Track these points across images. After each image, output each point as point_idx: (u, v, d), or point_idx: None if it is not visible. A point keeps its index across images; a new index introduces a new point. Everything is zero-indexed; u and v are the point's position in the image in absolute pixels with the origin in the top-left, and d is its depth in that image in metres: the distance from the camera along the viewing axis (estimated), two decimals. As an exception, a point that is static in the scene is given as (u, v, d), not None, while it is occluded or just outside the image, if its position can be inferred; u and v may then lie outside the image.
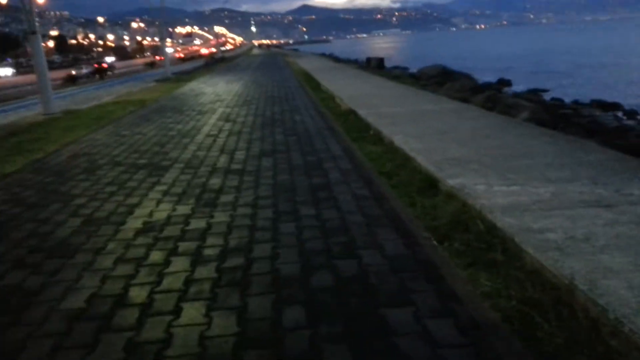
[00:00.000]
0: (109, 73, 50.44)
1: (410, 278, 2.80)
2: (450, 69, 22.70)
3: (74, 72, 45.88)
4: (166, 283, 2.87)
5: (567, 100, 19.00)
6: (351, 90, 13.11)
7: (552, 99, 18.80)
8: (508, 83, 25.83)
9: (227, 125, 8.59)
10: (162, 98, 14.65)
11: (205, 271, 2.98)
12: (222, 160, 5.92)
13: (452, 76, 20.28)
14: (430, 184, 4.90)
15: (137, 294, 2.76)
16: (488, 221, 3.65)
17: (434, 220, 3.91)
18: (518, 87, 24.57)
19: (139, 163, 6.07)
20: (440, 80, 18.36)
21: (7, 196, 5.03)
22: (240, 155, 6.18)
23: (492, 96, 10.57)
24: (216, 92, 15.50)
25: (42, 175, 5.83)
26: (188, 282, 2.87)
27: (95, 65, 52.25)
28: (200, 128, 8.46)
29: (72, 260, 3.27)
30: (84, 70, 50.38)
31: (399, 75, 20.04)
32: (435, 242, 3.34)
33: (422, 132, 7.04)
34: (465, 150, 5.78)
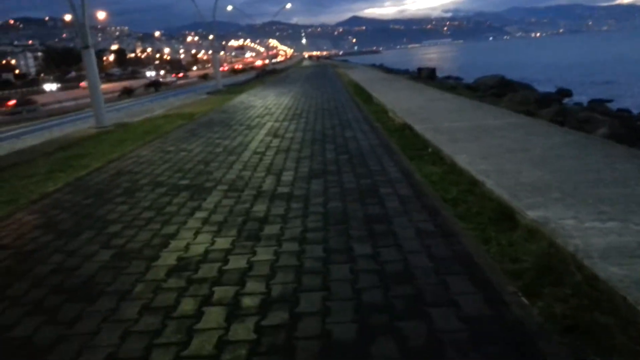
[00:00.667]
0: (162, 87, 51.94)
1: (499, 354, 2.19)
2: (508, 79, 21.56)
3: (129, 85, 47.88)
4: (195, 345, 2.38)
5: (635, 111, 17.58)
6: (405, 103, 12.48)
7: (618, 109, 17.44)
8: (568, 93, 24.36)
9: (275, 142, 8.16)
10: (212, 111, 14.50)
11: (241, 330, 2.47)
12: (268, 182, 5.46)
13: (512, 87, 19.20)
14: (505, 215, 4.24)
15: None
16: (586, 269, 2.97)
17: (514, 262, 3.27)
18: (580, 97, 23.13)
19: (181, 184, 5.70)
20: (499, 91, 17.38)
21: (42, 220, 4.74)
22: (287, 176, 5.70)
23: (561, 110, 9.67)
24: (266, 105, 15.23)
25: (81, 195, 5.56)
26: (221, 344, 2.36)
27: (173, 75, 60.94)
28: (247, 144, 8.07)
29: (93, 307, 2.85)
30: (170, 78, 57.43)
31: (454, 86, 19.18)
32: (524, 300, 2.69)
33: (488, 151, 6.34)
34: (542, 174, 5.07)
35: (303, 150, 7.21)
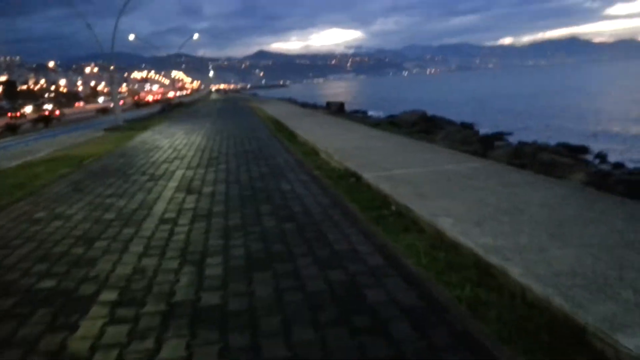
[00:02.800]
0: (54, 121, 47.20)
1: None
2: (430, 115, 21.06)
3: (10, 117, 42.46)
4: None
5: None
6: (336, 142, 11.00)
7: (519, 142, 17.33)
8: (470, 127, 24.55)
9: (190, 200, 6.17)
10: (107, 154, 12.06)
11: None
12: (185, 282, 3.50)
13: (436, 123, 18.58)
14: (572, 337, 2.73)
15: None
16: None
17: None
18: (482, 129, 23.28)
19: (42, 288, 3.56)
20: (425, 127, 16.57)
21: None
22: (214, 268, 3.76)
23: (516, 150, 8.64)
24: (174, 145, 13.02)
25: None
26: None
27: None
28: (151, 206, 5.99)
29: None
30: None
31: (379, 122, 18.19)
32: None
33: (476, 212, 4.90)
34: (577, 253, 3.68)
35: (231, 216, 5.30)
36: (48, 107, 72.23)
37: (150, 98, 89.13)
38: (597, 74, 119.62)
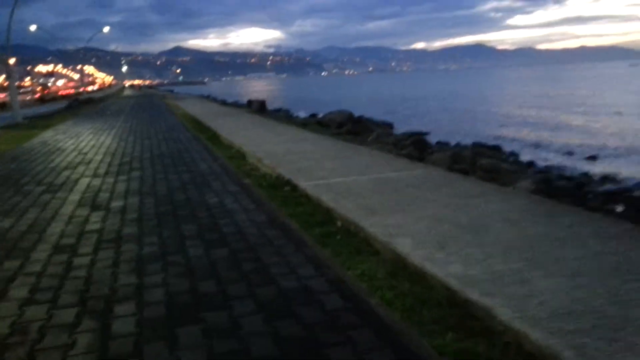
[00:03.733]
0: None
1: None
2: (357, 115, 20.74)
3: None
4: None
5: (452, 143, 17.89)
6: (265, 145, 10.21)
7: (437, 142, 17.51)
8: (390, 126, 24.71)
9: (95, 219, 5.09)
10: (-3, 158, 10.41)
11: None
12: (82, 347, 2.54)
13: (363, 124, 18.26)
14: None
15: None
16: None
17: None
18: (400, 129, 23.45)
19: None
20: (353, 128, 16.17)
21: None
22: (124, 321, 2.84)
23: (456, 155, 8.30)
24: (79, 147, 11.52)
25: None
26: None
27: None
28: (44, 228, 4.85)
29: None
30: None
31: (306, 122, 17.55)
32: None
33: (435, 229, 4.35)
34: (565, 284, 3.23)
35: (146, 240, 4.33)
36: None
37: (62, 93, 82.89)
38: (500, 79, 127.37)
